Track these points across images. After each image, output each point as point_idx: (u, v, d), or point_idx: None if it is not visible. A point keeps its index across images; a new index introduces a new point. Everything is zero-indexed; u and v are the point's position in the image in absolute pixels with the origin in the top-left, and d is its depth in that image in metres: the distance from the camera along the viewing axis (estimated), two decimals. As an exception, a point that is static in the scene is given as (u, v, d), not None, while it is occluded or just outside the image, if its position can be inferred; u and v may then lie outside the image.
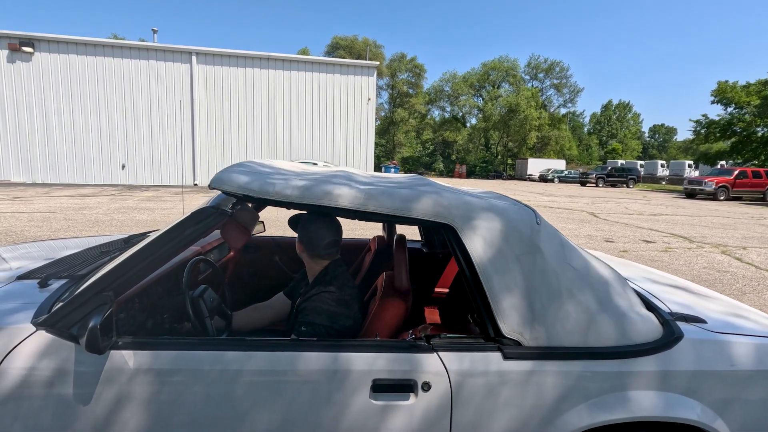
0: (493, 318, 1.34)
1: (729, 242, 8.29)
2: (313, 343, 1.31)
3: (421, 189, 1.49)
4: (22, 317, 1.29)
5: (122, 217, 9.17)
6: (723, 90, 27.10)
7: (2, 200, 11.47)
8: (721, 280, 5.43)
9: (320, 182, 1.43)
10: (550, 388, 1.29)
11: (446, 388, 1.27)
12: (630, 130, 69.00)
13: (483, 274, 1.34)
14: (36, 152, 18.64)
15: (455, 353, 1.30)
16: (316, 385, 1.25)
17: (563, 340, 1.33)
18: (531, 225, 1.42)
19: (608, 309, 1.37)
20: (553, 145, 49.44)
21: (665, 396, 1.32)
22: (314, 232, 1.63)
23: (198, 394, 1.23)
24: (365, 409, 1.26)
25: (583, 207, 14.64)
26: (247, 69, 20.45)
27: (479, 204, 1.44)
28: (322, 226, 1.64)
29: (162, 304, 1.75)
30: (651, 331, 1.38)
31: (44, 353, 1.22)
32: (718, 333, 1.44)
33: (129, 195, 14.41)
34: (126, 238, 2.24)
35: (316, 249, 1.63)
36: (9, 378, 1.19)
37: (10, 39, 17.85)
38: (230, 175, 1.42)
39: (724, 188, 19.98)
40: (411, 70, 52.31)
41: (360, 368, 1.26)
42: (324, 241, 1.63)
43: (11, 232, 7.00)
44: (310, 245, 1.64)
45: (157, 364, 1.24)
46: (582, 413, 1.28)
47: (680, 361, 1.34)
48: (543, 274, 1.36)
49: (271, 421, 1.25)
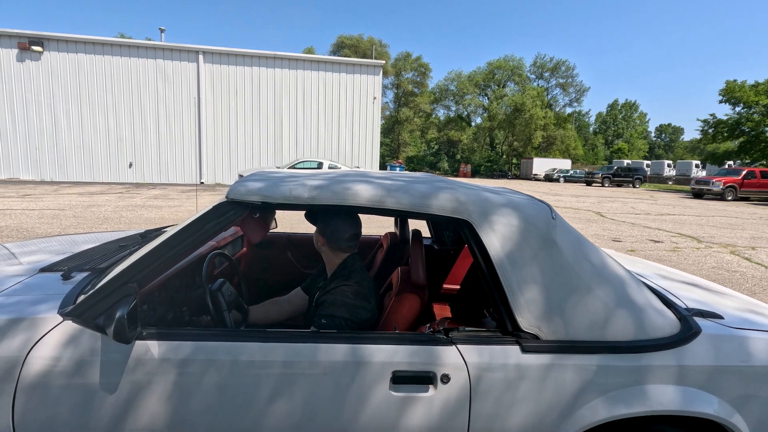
0: (510, 312, 1.35)
1: (738, 242, 8.24)
2: (334, 335, 1.33)
3: (437, 185, 1.50)
4: (47, 308, 1.32)
5: (130, 214, 9.24)
6: (731, 89, 26.84)
7: (12, 198, 11.59)
8: (731, 280, 5.39)
9: (336, 181, 1.46)
10: (568, 382, 1.29)
11: (465, 380, 1.28)
12: (636, 129, 68.52)
13: (500, 268, 1.35)
14: (45, 150, 18.81)
15: (474, 346, 1.31)
16: (336, 376, 1.27)
17: (581, 334, 1.33)
18: (547, 220, 1.43)
19: (626, 304, 1.38)
20: (558, 145, 49.20)
21: (683, 390, 1.32)
22: (336, 225, 1.65)
23: (218, 384, 1.26)
24: (386, 400, 1.27)
25: (589, 207, 14.58)
26: (253, 68, 20.52)
27: (495, 200, 1.45)
28: (344, 219, 1.66)
29: (181, 297, 1.77)
30: (668, 326, 1.39)
31: (70, 343, 1.24)
32: (736, 329, 1.44)
33: (136, 193, 14.52)
34: (142, 233, 2.27)
35: (338, 242, 1.65)
36: (37, 366, 1.22)
37: (20, 38, 18.01)
38: (246, 184, 1.44)
39: (731, 188, 19.82)
40: (416, 69, 52.26)
41: (380, 360, 1.28)
42: (346, 234, 1.65)
43: (22, 228, 7.08)
44: (332, 238, 1.65)
45: (180, 354, 1.26)
46: (599, 407, 1.29)
47: (698, 356, 1.34)
48: (560, 269, 1.36)
49: (291, 411, 1.27)
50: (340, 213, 1.66)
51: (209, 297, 1.60)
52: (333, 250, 1.68)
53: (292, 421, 1.27)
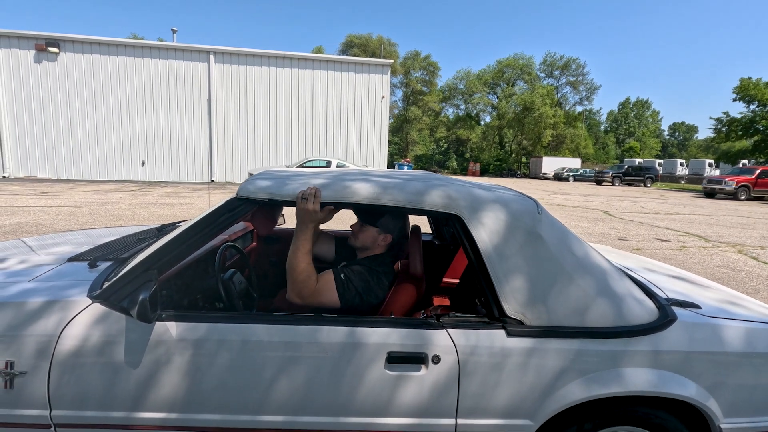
0: (497, 299, 1.46)
1: (746, 242, 8.19)
2: (334, 319, 1.45)
3: (431, 182, 1.62)
4: (78, 292, 1.46)
5: (143, 211, 9.49)
6: (746, 87, 26.44)
7: (30, 195, 11.95)
8: (735, 279, 5.41)
9: (337, 180, 1.58)
10: (550, 364, 1.40)
11: (454, 361, 1.40)
12: (648, 128, 67.66)
13: (488, 260, 1.46)
14: (61, 149, 19.29)
15: (463, 330, 1.43)
16: (335, 356, 1.39)
17: (563, 320, 1.44)
18: (533, 214, 1.54)
19: (606, 293, 1.48)
20: (568, 144, 48.81)
21: (659, 374, 1.42)
22: (397, 226, 1.85)
23: (229, 362, 1.39)
24: (381, 378, 1.39)
25: (597, 206, 14.53)
26: (263, 68, 20.77)
27: (485, 196, 1.56)
28: (402, 221, 1.88)
29: (195, 285, 1.91)
30: (647, 314, 1.49)
31: (98, 323, 1.39)
32: (712, 317, 1.54)
33: (149, 191, 14.83)
34: (159, 227, 2.42)
35: (391, 241, 1.85)
36: (69, 344, 1.36)
37: (37, 40, 18.48)
38: (255, 182, 1.57)
39: (744, 188, 19.54)
40: (425, 68, 52.24)
41: (375, 341, 1.40)
42: (401, 234, 1.87)
43: (41, 224, 7.34)
44: (387, 231, 1.83)
45: (196, 334, 1.40)
46: (579, 387, 1.40)
47: (672, 342, 1.44)
48: (544, 260, 1.47)
49: (294, 387, 1.39)
50: (401, 215, 1.85)
51: (221, 285, 1.74)
52: (379, 243, 1.82)
53: (296, 397, 1.40)
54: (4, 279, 1.59)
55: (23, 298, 1.42)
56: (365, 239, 1.82)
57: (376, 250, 1.83)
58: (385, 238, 1.82)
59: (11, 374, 1.34)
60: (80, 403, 1.37)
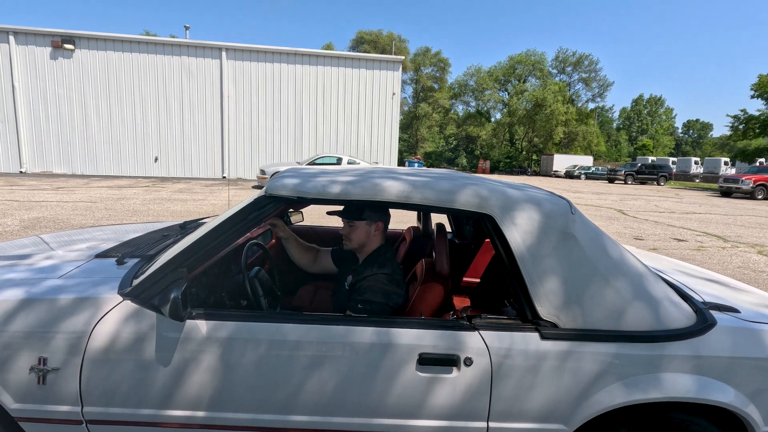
0: (531, 301, 1.42)
1: (767, 242, 8.02)
2: (364, 319, 1.43)
3: (461, 181, 1.59)
4: (108, 289, 1.47)
5: (158, 207, 9.58)
6: (764, 84, 25.80)
7: (47, 190, 12.14)
8: (757, 280, 5.29)
9: (366, 177, 1.55)
10: (586, 368, 1.37)
11: (487, 364, 1.37)
12: (662, 125, 66.60)
13: (521, 261, 1.43)
14: (76, 145, 19.56)
15: (495, 332, 1.40)
16: (366, 356, 1.37)
17: (598, 323, 1.40)
18: (566, 214, 1.50)
19: (643, 296, 1.44)
20: (580, 141, 48.21)
21: (698, 379, 1.38)
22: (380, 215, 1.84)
23: (258, 361, 1.38)
24: (412, 380, 1.37)
25: (611, 204, 14.33)
26: (274, 64, 20.81)
27: (517, 195, 1.52)
28: (383, 211, 1.86)
29: (220, 283, 1.91)
30: (684, 317, 1.45)
31: (129, 320, 1.38)
32: (752, 322, 1.49)
33: (162, 187, 14.98)
34: (181, 224, 2.43)
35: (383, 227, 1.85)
36: (101, 340, 1.36)
37: (53, 37, 18.72)
38: (283, 180, 1.55)
39: (762, 187, 19.13)
40: (435, 64, 51.88)
41: (407, 342, 1.38)
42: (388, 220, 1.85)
43: (58, 219, 7.44)
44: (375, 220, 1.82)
45: (225, 332, 1.39)
46: (617, 391, 1.36)
47: (713, 347, 1.39)
48: (578, 261, 1.43)
49: (324, 388, 1.38)
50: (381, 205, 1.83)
51: (248, 283, 1.73)
52: (372, 234, 1.82)
53: (326, 397, 1.38)
54: (32, 276, 1.59)
55: (54, 295, 1.42)
56: (359, 236, 1.82)
57: (374, 242, 1.83)
58: (377, 226, 1.82)
59: (44, 370, 1.35)
60: (111, 399, 1.37)
